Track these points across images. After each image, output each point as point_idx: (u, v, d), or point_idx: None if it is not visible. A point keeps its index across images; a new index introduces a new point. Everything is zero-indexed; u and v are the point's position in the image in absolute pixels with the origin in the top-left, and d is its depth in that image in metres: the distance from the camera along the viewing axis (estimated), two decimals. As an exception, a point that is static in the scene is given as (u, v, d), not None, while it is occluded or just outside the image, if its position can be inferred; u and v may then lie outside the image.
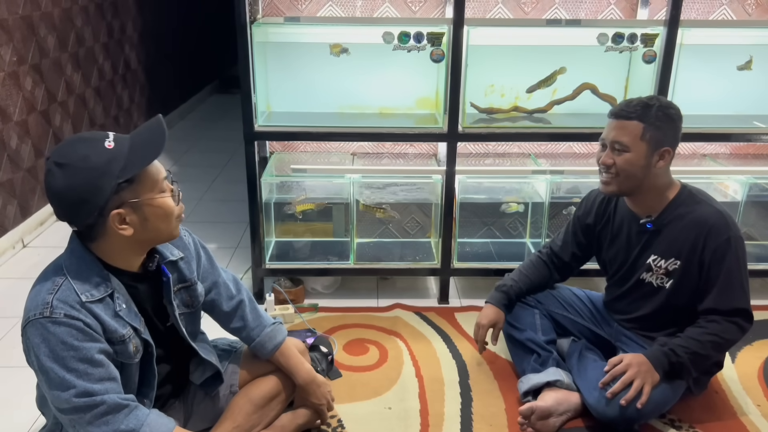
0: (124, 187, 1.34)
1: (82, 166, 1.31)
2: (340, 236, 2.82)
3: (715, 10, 2.61)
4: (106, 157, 1.32)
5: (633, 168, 1.82)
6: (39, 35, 3.31)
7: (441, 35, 2.32)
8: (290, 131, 2.50)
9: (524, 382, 1.99)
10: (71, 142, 1.37)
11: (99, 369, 1.35)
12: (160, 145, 1.39)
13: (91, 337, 1.34)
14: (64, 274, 1.37)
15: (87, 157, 1.32)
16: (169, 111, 5.42)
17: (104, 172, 1.32)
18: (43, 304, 1.33)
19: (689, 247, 1.83)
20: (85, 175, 1.31)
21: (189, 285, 1.62)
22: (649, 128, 1.79)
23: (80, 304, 1.35)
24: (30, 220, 3.22)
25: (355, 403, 2.01)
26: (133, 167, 1.34)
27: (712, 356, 1.86)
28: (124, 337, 1.41)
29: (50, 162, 1.34)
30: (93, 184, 1.31)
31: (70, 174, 1.31)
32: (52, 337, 1.32)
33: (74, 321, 1.33)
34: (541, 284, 2.16)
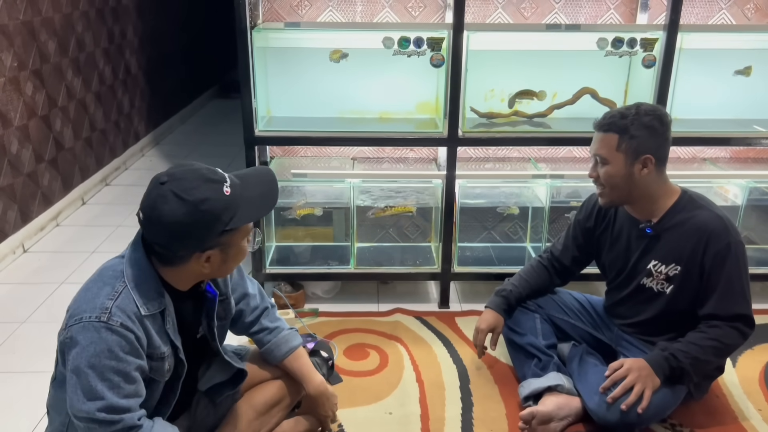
0: (226, 233, 1.38)
1: (202, 208, 1.33)
2: (340, 241, 2.82)
3: (715, 14, 2.62)
4: (223, 204, 1.36)
5: (614, 179, 1.83)
6: (40, 40, 3.31)
7: (441, 40, 2.33)
8: (290, 136, 2.50)
9: (525, 386, 1.99)
10: (194, 179, 1.36)
11: (131, 385, 1.35)
12: (274, 200, 1.48)
13: (136, 352, 1.35)
14: (125, 282, 1.38)
15: (208, 200, 1.34)
16: (169, 115, 5.43)
17: (217, 218, 1.36)
18: (101, 308, 1.33)
19: (689, 253, 1.83)
20: (201, 218, 1.34)
21: (224, 299, 1.63)
22: (623, 138, 1.80)
23: (137, 316, 1.36)
24: (30, 225, 3.22)
25: (355, 408, 2.00)
26: (242, 219, 1.40)
27: (712, 361, 1.86)
28: (164, 354, 1.43)
29: (167, 189, 1.33)
30: (204, 227, 1.35)
31: (188, 212, 1.33)
32: (102, 343, 1.31)
33: (128, 332, 1.33)
34: (542, 289, 2.16)
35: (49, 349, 2.27)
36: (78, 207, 3.71)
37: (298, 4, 2.55)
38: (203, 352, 1.66)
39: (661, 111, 1.85)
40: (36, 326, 2.45)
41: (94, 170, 3.96)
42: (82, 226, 3.46)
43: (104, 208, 3.72)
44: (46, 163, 3.39)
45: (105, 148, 4.14)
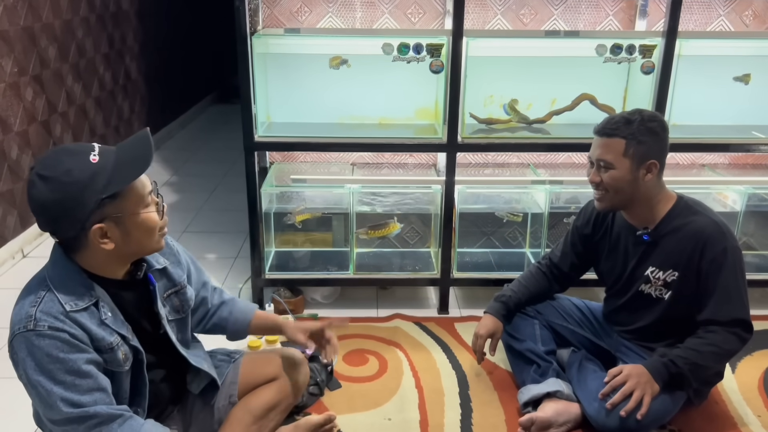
0: (107, 202, 1.32)
1: (65, 180, 1.30)
2: (339, 246, 2.83)
3: (713, 21, 2.63)
4: (90, 172, 1.31)
5: (620, 184, 1.84)
6: (40, 46, 3.32)
7: (440, 46, 2.34)
8: (290, 142, 2.50)
9: (524, 392, 1.99)
10: (55, 154, 1.35)
11: (87, 380, 1.34)
12: (146, 160, 1.36)
13: (77, 348, 1.33)
14: (47, 285, 1.36)
15: (70, 171, 1.30)
16: (169, 121, 5.44)
17: (87, 186, 1.30)
18: (26, 317, 1.32)
19: (686, 259, 1.84)
20: (68, 189, 1.30)
21: (179, 289, 1.61)
22: (631, 144, 1.80)
23: (64, 314, 1.34)
24: (30, 231, 3.22)
25: (354, 414, 2.00)
26: (117, 183, 1.33)
27: (711, 367, 1.86)
28: (112, 345, 1.40)
29: (33, 173, 1.32)
30: (75, 198, 1.30)
31: (53, 187, 1.30)
32: (37, 350, 1.31)
33: (59, 333, 1.32)
34: (541, 294, 2.16)
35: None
36: (77, 212, 3.71)
37: (298, 10, 2.56)
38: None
39: (661, 117, 1.88)
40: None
41: (94, 175, 3.96)
42: (81, 232, 3.46)
43: (104, 213, 3.71)
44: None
45: (105, 154, 4.14)
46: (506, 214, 2.68)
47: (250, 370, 1.79)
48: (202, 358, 1.71)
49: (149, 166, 1.36)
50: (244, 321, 1.81)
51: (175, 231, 3.38)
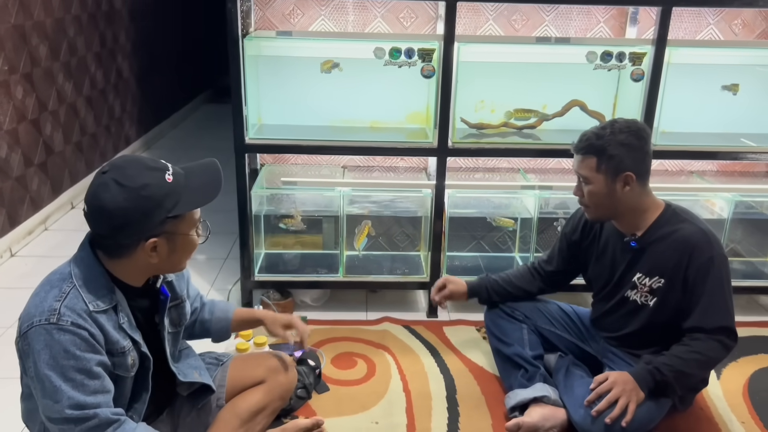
0: (169, 221, 1.39)
1: (142, 194, 1.35)
2: (329, 249, 2.83)
3: (703, 29, 2.65)
4: (165, 190, 1.37)
5: (598, 198, 1.86)
6: (31, 44, 3.31)
7: (432, 51, 2.34)
8: (281, 144, 2.50)
9: (511, 397, 2.00)
10: (135, 164, 1.39)
11: (95, 381, 1.35)
12: (217, 188, 1.46)
13: (93, 348, 1.35)
14: (72, 282, 1.38)
15: (148, 185, 1.36)
16: (160, 120, 5.42)
17: (159, 204, 1.36)
18: (50, 310, 1.34)
19: (673, 266, 1.85)
20: (142, 203, 1.35)
21: (179, 303, 1.64)
22: (602, 160, 1.82)
23: (87, 313, 1.36)
24: (18, 230, 3.20)
25: (342, 418, 2.00)
26: (185, 206, 1.41)
27: (696, 374, 1.88)
28: (125, 349, 1.43)
29: (108, 177, 1.35)
30: (146, 212, 1.36)
31: (128, 197, 1.34)
32: (56, 344, 1.32)
33: (80, 330, 1.34)
34: (522, 289, 2.19)
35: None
36: (67, 211, 3.69)
37: (291, 13, 2.56)
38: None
39: (637, 126, 1.86)
40: (22, 332, 2.43)
41: (84, 174, 3.95)
42: (70, 231, 3.45)
43: (93, 212, 3.70)
44: (36, 167, 3.38)
45: (95, 153, 4.13)
46: (497, 219, 2.69)
47: (238, 373, 1.80)
48: (194, 367, 1.72)
49: (217, 195, 1.45)
50: (225, 320, 1.83)
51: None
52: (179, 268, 1.53)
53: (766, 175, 2.88)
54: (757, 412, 2.07)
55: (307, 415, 2.00)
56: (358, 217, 2.71)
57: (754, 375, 2.26)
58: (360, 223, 2.71)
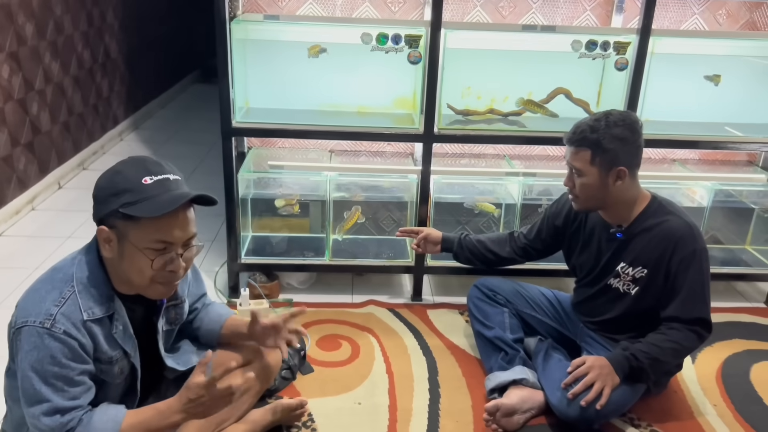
0: (121, 217, 1.37)
1: (113, 177, 1.40)
2: (316, 232, 2.86)
3: (688, 19, 2.67)
4: (129, 186, 1.37)
5: (590, 191, 1.89)
6: (17, 23, 3.28)
7: (418, 37, 2.36)
8: (268, 128, 2.51)
9: (491, 379, 2.05)
10: (135, 159, 1.45)
11: (74, 388, 1.38)
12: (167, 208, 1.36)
13: (79, 358, 1.38)
14: (73, 287, 1.40)
15: (120, 173, 1.40)
16: (149, 100, 5.39)
17: (115, 194, 1.38)
18: (46, 313, 1.36)
19: (657, 257, 1.89)
20: (106, 185, 1.40)
21: (178, 303, 1.66)
22: (597, 153, 1.84)
23: (82, 322, 1.38)
24: (5, 209, 3.20)
25: (325, 398, 2.05)
26: (135, 209, 1.36)
27: (670, 362, 1.93)
28: (113, 359, 1.45)
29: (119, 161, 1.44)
30: (103, 196, 1.40)
31: (104, 176, 1.41)
32: (44, 348, 1.34)
33: (71, 340, 1.36)
34: (494, 252, 2.28)
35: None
36: (54, 191, 3.69)
37: (279, -4, 2.56)
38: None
39: (631, 119, 1.87)
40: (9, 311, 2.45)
41: (71, 154, 3.94)
42: (58, 211, 3.45)
43: (81, 192, 3.70)
44: (22, 146, 3.37)
45: (83, 133, 4.11)
46: (478, 205, 2.72)
47: (224, 355, 1.81)
48: (189, 352, 1.74)
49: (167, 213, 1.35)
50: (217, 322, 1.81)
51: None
52: (137, 288, 1.45)
53: (746, 163, 2.93)
54: (729, 395, 2.13)
55: (291, 395, 2.04)
56: (344, 202, 2.73)
57: (727, 360, 2.33)
58: (350, 208, 2.73)
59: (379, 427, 1.93)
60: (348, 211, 2.73)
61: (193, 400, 1.41)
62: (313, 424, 1.92)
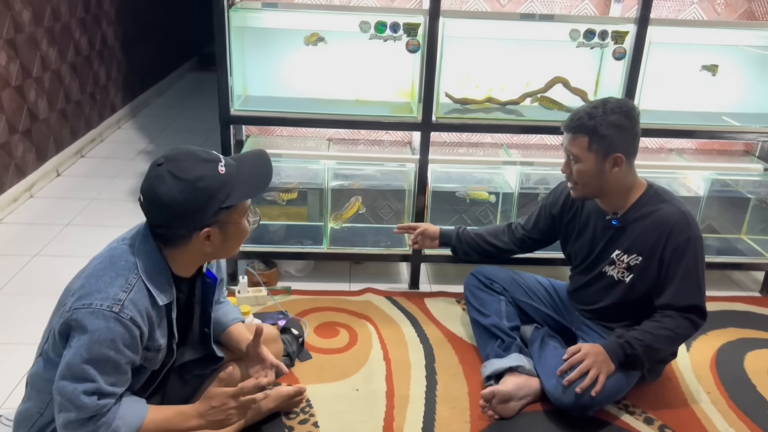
0: (223, 211, 1.43)
1: (198, 186, 1.39)
2: (314, 220, 2.86)
3: (686, 8, 2.67)
4: (219, 182, 1.41)
5: (587, 177, 1.90)
6: (14, 9, 3.27)
7: (417, 26, 2.35)
8: (266, 116, 2.51)
9: (487, 366, 2.07)
10: (188, 156, 1.42)
11: (119, 376, 1.40)
12: (267, 180, 1.51)
13: (134, 347, 1.40)
14: (138, 274, 1.41)
15: (203, 178, 1.39)
16: (146, 88, 5.38)
17: (213, 196, 1.40)
18: (114, 298, 1.36)
19: (651, 245, 1.91)
20: (197, 195, 1.39)
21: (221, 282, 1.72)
22: (594, 139, 1.85)
23: (146, 310, 1.40)
24: (3, 197, 3.20)
25: (323, 385, 2.06)
26: (238, 197, 1.44)
27: (665, 349, 1.95)
28: (160, 346, 1.48)
29: (164, 169, 1.39)
30: (201, 204, 1.40)
31: (184, 189, 1.38)
32: (108, 332, 1.35)
33: (135, 328, 1.38)
34: (493, 245, 2.29)
35: (21, 321, 2.30)
36: (52, 179, 3.69)
37: (277, -16, 2.55)
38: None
39: (628, 106, 1.88)
40: (8, 298, 2.47)
41: (69, 142, 3.93)
42: (56, 198, 3.46)
43: (79, 180, 3.70)
44: (20, 134, 3.37)
45: (80, 120, 4.11)
46: (470, 194, 2.73)
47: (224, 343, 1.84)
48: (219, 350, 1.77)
49: (268, 186, 1.52)
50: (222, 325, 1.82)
51: (151, 200, 3.38)
52: (231, 254, 1.56)
53: (743, 153, 2.94)
54: (723, 383, 2.16)
55: (290, 382, 2.05)
56: (342, 191, 2.74)
57: (722, 348, 2.35)
58: (349, 197, 2.73)
59: (377, 413, 1.95)
60: (348, 201, 2.73)
61: (216, 408, 1.50)
62: (311, 410, 1.94)
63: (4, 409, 1.87)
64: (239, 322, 1.85)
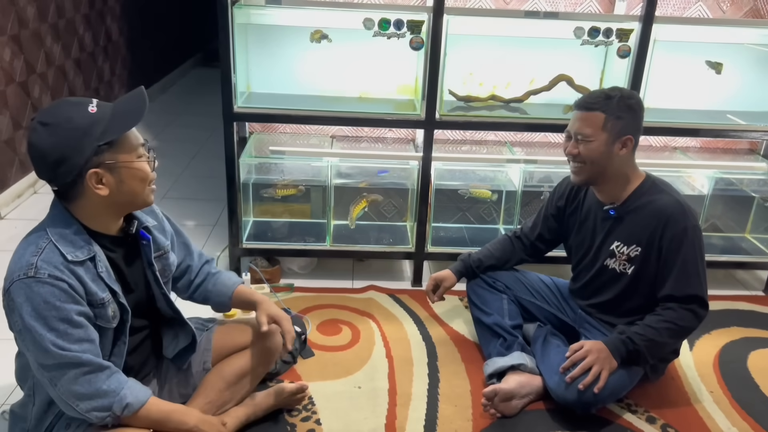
0: (103, 150, 1.40)
1: (65, 126, 1.38)
2: (317, 218, 2.87)
3: (691, 6, 2.66)
4: (89, 120, 1.39)
5: (595, 155, 1.91)
6: (18, 5, 3.27)
7: (421, 23, 2.35)
8: (269, 113, 2.52)
9: (489, 365, 2.07)
10: (57, 104, 1.43)
11: (78, 330, 1.40)
12: (140, 112, 1.46)
13: (72, 299, 1.40)
14: (48, 237, 1.42)
15: (71, 118, 1.38)
16: (150, 84, 5.38)
17: (86, 133, 1.38)
18: (27, 265, 1.38)
19: (649, 235, 1.92)
20: (68, 135, 1.37)
21: (162, 254, 1.68)
22: (610, 118, 1.87)
23: (65, 265, 1.40)
24: (7, 193, 3.21)
25: (325, 382, 2.07)
26: (113, 131, 1.41)
27: (668, 343, 1.94)
28: (104, 300, 1.47)
29: (35, 122, 1.40)
30: (74, 143, 1.38)
31: (53, 133, 1.37)
32: (35, 296, 1.36)
33: (58, 282, 1.38)
34: (503, 259, 2.27)
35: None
36: (56, 175, 3.69)
37: (281, -19, 2.54)
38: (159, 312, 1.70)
39: (638, 96, 1.95)
40: (12, 294, 2.47)
41: (73, 138, 3.93)
42: (60, 195, 3.46)
43: (83, 176, 3.70)
44: (24, 130, 3.38)
45: (84, 116, 4.10)
46: (472, 191, 2.73)
47: (225, 337, 1.85)
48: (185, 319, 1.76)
49: (142, 118, 1.45)
50: (226, 295, 1.85)
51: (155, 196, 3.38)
52: (142, 200, 1.52)
53: (747, 152, 2.92)
54: (726, 382, 2.15)
55: (292, 379, 2.06)
56: (345, 188, 2.74)
57: (725, 347, 2.34)
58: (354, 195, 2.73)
59: (379, 410, 1.95)
60: (355, 200, 2.73)
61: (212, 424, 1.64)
62: (313, 407, 1.95)
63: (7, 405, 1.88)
64: (240, 285, 1.87)
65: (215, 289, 1.85)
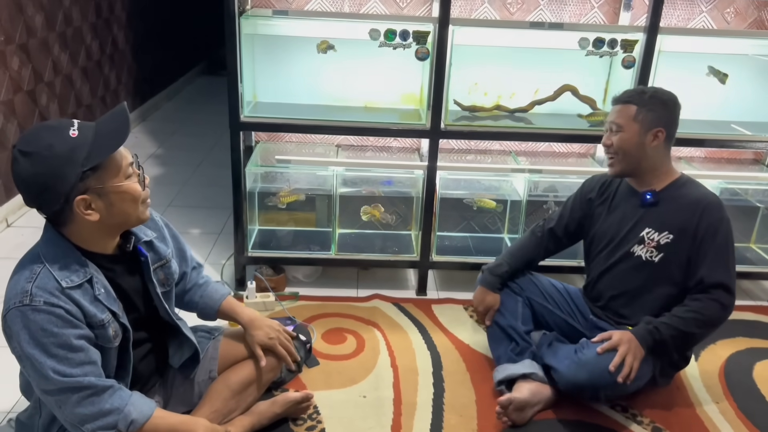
0: (89, 175, 1.37)
1: (45, 154, 1.33)
2: (322, 226, 2.87)
3: (696, 17, 2.67)
4: (70, 146, 1.35)
5: (627, 145, 1.97)
6: (27, 14, 3.30)
7: (426, 34, 2.36)
8: (276, 123, 2.53)
9: (500, 371, 2.07)
10: (35, 131, 1.38)
11: (78, 354, 1.39)
12: (123, 133, 1.41)
13: (70, 323, 1.38)
14: (42, 261, 1.40)
15: (51, 145, 1.34)
16: (156, 92, 5.42)
17: (68, 159, 1.34)
18: (22, 292, 1.37)
19: (684, 221, 1.95)
20: (50, 163, 1.33)
21: (165, 263, 1.67)
22: (641, 110, 1.95)
23: (60, 290, 1.38)
24: (14, 200, 3.23)
25: (330, 391, 2.07)
26: (96, 156, 1.37)
27: (695, 334, 1.93)
28: (104, 321, 1.46)
29: (16, 150, 1.36)
30: (57, 172, 1.34)
31: (34, 162, 1.34)
32: (32, 324, 1.36)
33: (54, 308, 1.37)
34: (528, 260, 2.26)
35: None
36: (62, 182, 3.71)
37: (287, -9, 2.57)
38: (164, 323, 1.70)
39: (675, 95, 2.02)
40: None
41: (80, 146, 3.95)
42: (66, 202, 3.47)
43: (89, 184, 3.72)
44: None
45: (91, 124, 4.13)
46: (477, 201, 2.73)
47: (230, 346, 1.85)
48: (189, 330, 1.77)
49: (126, 138, 1.41)
50: (212, 308, 1.86)
51: (160, 205, 3.40)
52: (135, 219, 1.49)
53: (753, 162, 2.93)
54: (732, 392, 2.15)
55: (297, 388, 2.06)
56: (350, 197, 2.75)
57: (731, 357, 2.34)
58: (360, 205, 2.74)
59: (384, 420, 1.95)
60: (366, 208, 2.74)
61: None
62: (318, 417, 1.95)
63: (13, 413, 1.89)
64: (225, 299, 1.86)
65: (201, 301, 1.86)
